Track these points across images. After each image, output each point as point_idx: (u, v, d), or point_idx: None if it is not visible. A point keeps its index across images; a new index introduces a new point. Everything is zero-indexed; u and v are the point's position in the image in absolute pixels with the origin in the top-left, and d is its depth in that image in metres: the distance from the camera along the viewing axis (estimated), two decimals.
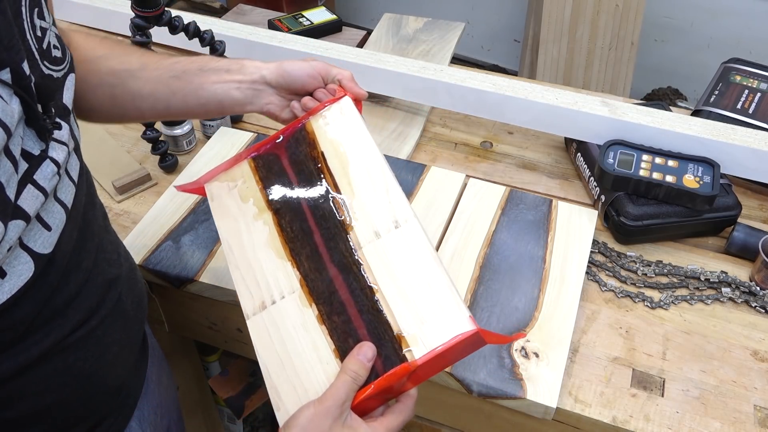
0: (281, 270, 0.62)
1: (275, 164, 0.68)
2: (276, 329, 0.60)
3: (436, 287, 0.55)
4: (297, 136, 0.68)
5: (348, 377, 0.53)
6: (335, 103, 0.69)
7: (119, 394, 0.64)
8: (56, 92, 0.52)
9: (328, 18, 1.38)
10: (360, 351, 0.54)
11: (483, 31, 2.78)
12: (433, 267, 0.56)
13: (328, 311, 0.58)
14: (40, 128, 0.48)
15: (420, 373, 0.54)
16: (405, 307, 0.55)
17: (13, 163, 0.44)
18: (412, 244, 0.58)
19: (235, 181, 0.69)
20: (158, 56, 0.73)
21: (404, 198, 0.61)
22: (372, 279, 0.58)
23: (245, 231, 0.66)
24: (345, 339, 0.56)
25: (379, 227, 0.60)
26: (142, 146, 1.04)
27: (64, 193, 0.52)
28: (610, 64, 2.32)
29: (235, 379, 1.18)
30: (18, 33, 0.46)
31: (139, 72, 0.70)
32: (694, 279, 0.85)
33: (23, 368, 0.51)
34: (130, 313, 0.63)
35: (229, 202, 0.68)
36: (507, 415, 0.75)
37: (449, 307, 0.54)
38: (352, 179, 0.63)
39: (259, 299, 0.62)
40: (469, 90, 1.00)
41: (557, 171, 1.04)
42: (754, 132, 0.92)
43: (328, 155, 0.66)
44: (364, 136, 0.66)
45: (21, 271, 0.47)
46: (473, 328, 0.52)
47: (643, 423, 0.70)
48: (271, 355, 0.59)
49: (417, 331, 0.54)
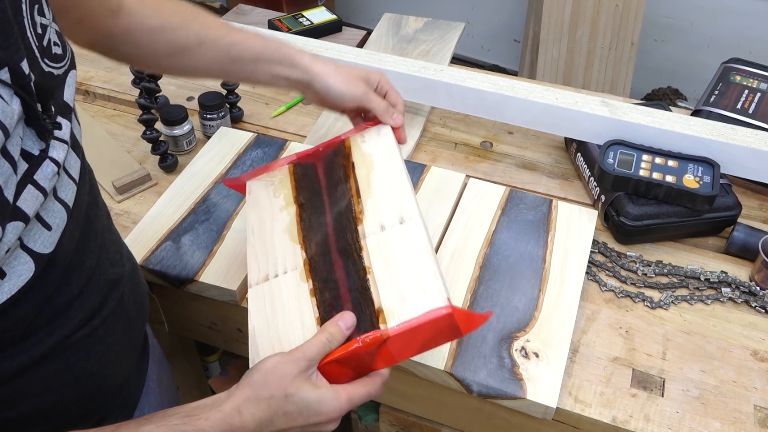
0: (290, 251, 0.67)
1: (311, 170, 0.75)
2: (271, 297, 0.64)
3: (423, 272, 0.58)
4: (336, 149, 0.75)
5: (323, 337, 0.55)
6: (375, 126, 0.76)
7: (120, 393, 0.64)
8: (57, 90, 0.52)
9: (328, 18, 1.38)
10: (341, 317, 0.56)
11: (483, 31, 2.78)
12: (424, 256, 0.59)
13: (321, 287, 0.62)
14: (40, 128, 0.47)
15: (392, 348, 0.56)
16: (390, 287, 0.58)
17: (12, 164, 0.44)
18: (411, 238, 0.62)
19: (272, 179, 0.77)
20: (215, 30, 0.75)
21: (414, 200, 0.65)
22: (368, 263, 0.61)
23: (269, 219, 0.72)
24: (329, 311, 0.59)
25: (386, 221, 0.64)
26: (142, 146, 1.04)
27: (64, 192, 0.52)
28: (610, 64, 2.32)
29: (235, 379, 1.17)
30: (18, 31, 0.45)
31: (196, 48, 0.74)
32: (694, 279, 0.85)
33: (24, 368, 0.51)
34: (132, 313, 0.63)
35: (263, 196, 0.75)
36: (507, 415, 0.75)
37: (430, 289, 0.56)
38: (372, 182, 0.69)
39: (264, 272, 0.67)
40: (469, 90, 1.00)
41: (557, 171, 1.04)
42: (754, 132, 0.92)
43: (357, 164, 0.72)
44: (393, 150, 0.72)
45: (21, 272, 0.47)
46: (446, 305, 0.54)
47: (643, 423, 0.70)
48: (260, 318, 0.63)
49: (396, 306, 0.56)
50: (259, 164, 0.97)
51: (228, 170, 0.96)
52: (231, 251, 0.84)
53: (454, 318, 0.54)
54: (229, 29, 0.76)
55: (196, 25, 0.74)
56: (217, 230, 0.87)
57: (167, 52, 0.74)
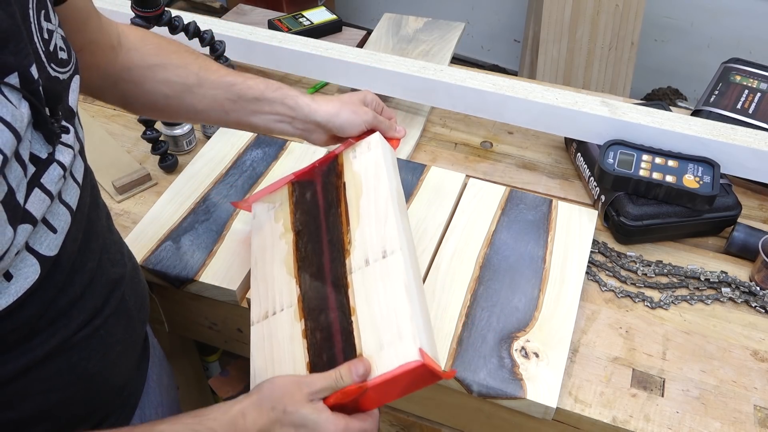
0: (286, 285, 0.69)
1: (309, 190, 0.75)
2: (270, 338, 0.66)
3: (400, 316, 0.59)
4: (330, 165, 0.75)
5: (333, 376, 0.57)
6: (365, 139, 0.74)
7: (121, 393, 0.64)
8: (63, 94, 0.52)
9: (328, 18, 1.38)
10: (357, 363, 0.57)
11: (483, 31, 2.78)
12: (401, 298, 0.60)
13: (312, 327, 0.63)
14: (47, 132, 0.48)
15: (373, 395, 0.58)
16: (371, 332, 0.60)
17: (23, 167, 0.44)
18: (391, 274, 0.62)
19: (273, 203, 0.77)
20: (215, 71, 0.73)
21: (397, 230, 0.65)
22: (353, 302, 0.62)
23: (269, 248, 0.73)
24: (320, 354, 0.61)
25: (370, 255, 0.65)
26: (142, 146, 1.04)
27: (69, 196, 0.52)
28: (610, 64, 2.32)
29: (235, 379, 1.18)
30: (26, 36, 0.46)
31: (195, 88, 0.72)
32: (694, 279, 0.85)
33: (28, 368, 0.51)
34: (133, 312, 0.63)
35: (265, 221, 0.77)
36: (507, 415, 0.75)
37: (405, 336, 0.57)
38: (360, 209, 0.69)
39: (264, 309, 0.69)
40: (469, 90, 1.00)
41: (557, 171, 1.04)
42: (754, 132, 0.92)
43: (348, 186, 0.71)
44: (381, 169, 0.70)
45: (27, 274, 0.47)
46: (418, 358, 0.55)
47: (643, 423, 0.70)
48: (260, 360, 0.65)
49: (375, 354, 0.58)
50: (259, 164, 0.97)
51: (228, 170, 0.96)
52: (231, 251, 0.84)
53: (427, 368, 0.56)
54: (229, 71, 0.74)
55: (196, 66, 0.72)
56: (217, 230, 0.87)
57: (166, 92, 0.71)
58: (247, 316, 0.83)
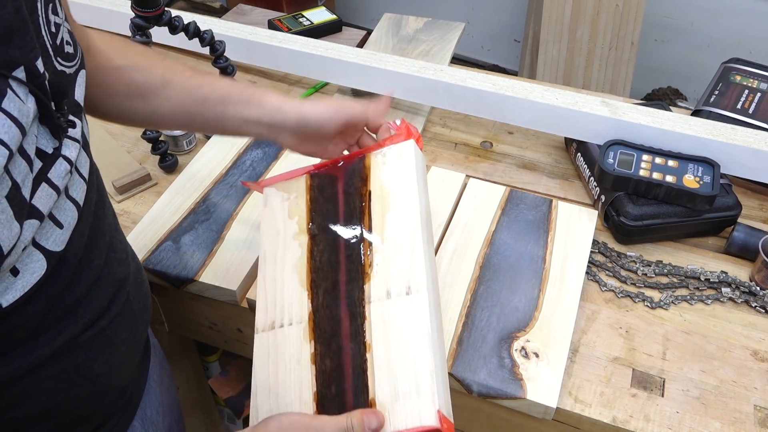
0: (297, 297, 0.65)
1: (329, 187, 0.70)
2: (275, 353, 0.63)
3: (420, 367, 0.56)
4: (355, 166, 0.70)
5: (344, 425, 0.54)
6: (398, 144, 0.69)
7: (124, 394, 0.64)
8: (69, 89, 0.52)
9: (328, 18, 1.38)
10: (371, 415, 0.55)
11: (483, 31, 2.78)
12: (423, 347, 0.57)
13: (322, 352, 0.60)
14: (54, 126, 0.48)
15: None
16: (386, 377, 0.56)
17: (28, 162, 0.44)
18: (414, 317, 0.58)
19: (289, 193, 0.72)
20: (181, 73, 0.71)
21: (425, 264, 0.61)
22: (368, 338, 0.59)
23: (281, 247, 0.69)
24: (328, 385, 0.58)
25: (392, 288, 0.61)
26: (142, 146, 1.04)
27: (75, 191, 0.52)
28: (610, 64, 2.32)
29: (235, 379, 1.18)
30: (33, 29, 0.46)
31: (161, 90, 0.69)
32: (694, 279, 0.85)
33: (34, 367, 0.51)
34: (137, 313, 0.63)
35: (278, 213, 0.71)
36: (507, 415, 0.75)
37: (424, 392, 0.55)
38: (386, 228, 0.64)
39: (271, 318, 0.65)
40: (469, 90, 1.00)
41: (557, 171, 1.04)
42: (754, 132, 0.92)
43: (374, 196, 0.67)
44: (411, 186, 0.66)
45: (33, 269, 0.47)
46: (435, 425, 0.53)
47: (643, 423, 0.70)
48: (263, 377, 0.62)
49: (389, 403, 0.55)
50: (259, 164, 0.97)
51: (228, 170, 0.96)
52: (231, 251, 0.84)
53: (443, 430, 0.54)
54: (196, 72, 0.72)
55: (162, 67, 0.70)
56: (217, 230, 0.87)
57: (131, 93, 0.69)
58: (248, 316, 0.83)
